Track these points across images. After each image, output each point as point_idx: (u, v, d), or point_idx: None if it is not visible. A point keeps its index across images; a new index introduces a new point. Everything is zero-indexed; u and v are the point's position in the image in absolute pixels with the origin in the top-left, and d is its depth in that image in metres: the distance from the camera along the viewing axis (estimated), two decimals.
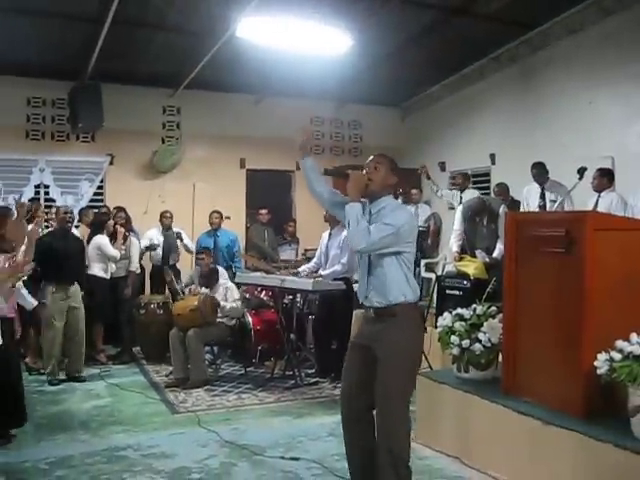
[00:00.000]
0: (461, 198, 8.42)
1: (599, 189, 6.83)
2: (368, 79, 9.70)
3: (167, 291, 8.20)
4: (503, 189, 8.06)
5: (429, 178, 9.06)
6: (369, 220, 3.43)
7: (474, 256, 6.88)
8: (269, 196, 10.50)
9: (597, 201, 6.76)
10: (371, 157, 3.61)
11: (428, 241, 9.45)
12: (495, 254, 6.71)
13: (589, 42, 8.01)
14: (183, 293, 7.08)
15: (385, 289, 3.43)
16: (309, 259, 7.69)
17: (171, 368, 6.75)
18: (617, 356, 3.43)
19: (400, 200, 9.04)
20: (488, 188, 9.29)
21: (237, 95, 10.24)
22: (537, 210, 7.13)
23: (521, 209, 7.47)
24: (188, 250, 8.85)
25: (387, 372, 3.37)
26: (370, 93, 10.62)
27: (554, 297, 3.99)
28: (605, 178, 6.82)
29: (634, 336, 3.46)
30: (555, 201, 7.05)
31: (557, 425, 3.70)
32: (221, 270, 7.27)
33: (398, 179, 3.58)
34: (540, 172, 7.39)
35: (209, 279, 7.00)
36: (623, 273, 3.86)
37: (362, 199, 3.46)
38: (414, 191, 9.63)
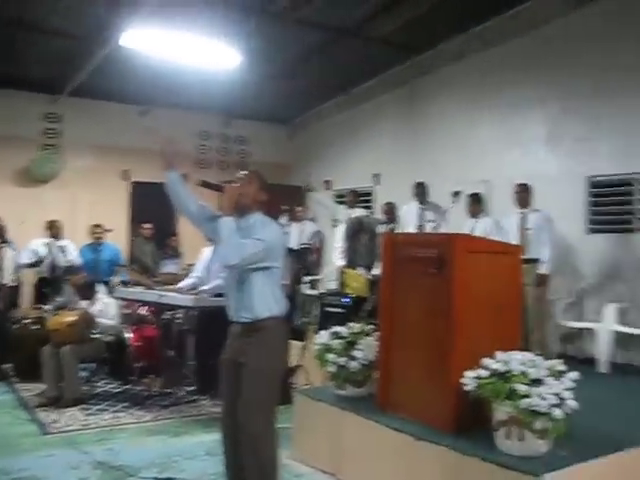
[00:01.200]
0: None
1: (475, 214, 7.15)
2: (256, 96, 9.75)
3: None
4: (390, 208, 8.26)
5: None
6: (239, 235, 3.40)
7: None
8: (153, 209, 10.23)
9: (474, 226, 7.06)
10: (243, 172, 3.63)
11: (313, 258, 9.51)
12: (375, 271, 6.87)
13: (471, 69, 8.44)
14: (61, 309, 6.83)
15: (252, 304, 3.44)
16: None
17: (44, 386, 6.46)
18: (483, 373, 3.58)
19: (286, 217, 9.13)
20: (371, 207, 9.50)
21: (123, 106, 10.07)
22: (415, 231, 7.38)
23: (398, 229, 7.69)
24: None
25: (249, 387, 3.40)
26: (257, 110, 10.70)
27: (427, 316, 4.11)
28: (478, 204, 7.15)
29: (499, 354, 3.62)
30: (433, 221, 7.32)
31: (428, 440, 3.79)
32: (99, 286, 7.05)
33: (268, 198, 3.58)
34: (422, 191, 7.68)
35: (86, 292, 6.79)
36: (491, 294, 4.03)
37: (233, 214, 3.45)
38: (299, 208, 9.69)
